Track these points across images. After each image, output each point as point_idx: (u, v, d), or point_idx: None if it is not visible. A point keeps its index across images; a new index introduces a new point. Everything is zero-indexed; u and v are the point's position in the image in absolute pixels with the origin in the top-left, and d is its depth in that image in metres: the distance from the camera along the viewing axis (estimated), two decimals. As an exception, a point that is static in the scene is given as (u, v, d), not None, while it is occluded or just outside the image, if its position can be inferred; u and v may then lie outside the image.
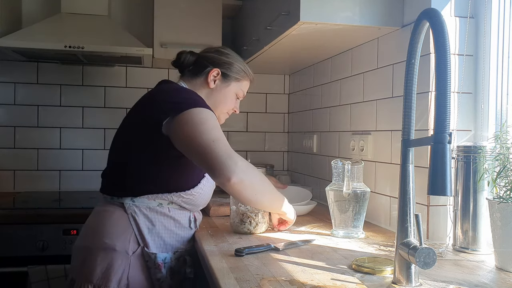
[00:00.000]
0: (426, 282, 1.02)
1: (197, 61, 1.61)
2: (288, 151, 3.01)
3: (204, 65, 1.59)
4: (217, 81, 1.59)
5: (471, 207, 1.29)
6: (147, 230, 1.40)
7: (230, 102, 1.64)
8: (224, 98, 1.61)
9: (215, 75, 1.59)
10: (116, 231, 1.38)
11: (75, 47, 2.28)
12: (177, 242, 1.46)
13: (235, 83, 1.63)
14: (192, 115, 1.35)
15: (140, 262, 1.39)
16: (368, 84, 1.87)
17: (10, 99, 2.68)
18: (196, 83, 1.60)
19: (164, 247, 1.43)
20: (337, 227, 1.53)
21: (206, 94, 1.59)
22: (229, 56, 1.62)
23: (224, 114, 1.66)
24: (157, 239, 1.41)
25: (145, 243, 1.39)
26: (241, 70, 1.63)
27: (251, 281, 1.01)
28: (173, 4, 2.52)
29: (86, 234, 1.45)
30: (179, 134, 1.35)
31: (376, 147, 1.79)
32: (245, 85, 1.68)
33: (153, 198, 1.42)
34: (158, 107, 1.41)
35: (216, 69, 1.58)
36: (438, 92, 0.84)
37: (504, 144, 1.19)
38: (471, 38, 1.47)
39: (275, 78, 2.99)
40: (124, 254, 1.37)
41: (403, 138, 1.01)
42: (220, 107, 1.61)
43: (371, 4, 1.60)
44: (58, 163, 2.72)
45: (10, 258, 2.05)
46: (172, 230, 1.45)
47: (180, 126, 1.35)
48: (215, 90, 1.60)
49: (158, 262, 1.39)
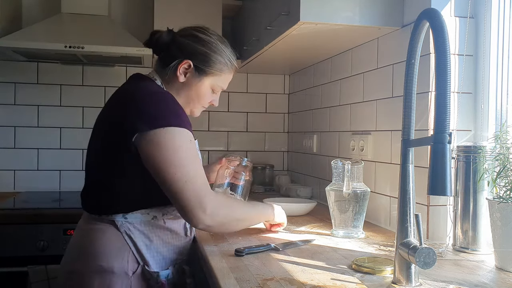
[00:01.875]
0: (426, 282, 1.02)
1: (169, 47, 1.38)
2: (288, 151, 3.01)
3: (174, 54, 1.36)
4: (189, 75, 1.37)
5: (471, 207, 1.29)
6: (145, 247, 1.28)
7: (205, 98, 1.43)
8: (196, 94, 1.41)
9: (186, 68, 1.36)
10: (111, 252, 1.24)
11: (75, 47, 2.28)
12: (175, 254, 1.36)
13: (211, 77, 1.40)
14: (165, 138, 1.20)
15: (142, 283, 1.27)
16: (368, 84, 1.87)
17: (10, 99, 2.68)
18: (166, 74, 1.38)
19: (163, 262, 1.32)
20: (337, 227, 1.53)
21: (177, 88, 1.39)
22: (206, 44, 1.37)
23: (199, 108, 1.47)
24: (156, 255, 1.30)
25: (145, 262, 1.27)
26: (220, 62, 1.39)
27: (251, 281, 1.01)
28: (173, 4, 2.52)
29: (76, 256, 1.29)
30: (147, 157, 1.21)
31: (376, 147, 1.79)
32: (225, 79, 1.45)
33: (147, 212, 1.29)
34: (129, 118, 1.23)
35: (187, 61, 1.35)
36: (438, 92, 0.84)
37: (504, 144, 1.19)
38: (471, 38, 1.47)
39: (275, 78, 2.99)
40: (124, 276, 1.24)
41: (403, 138, 1.01)
42: (193, 102, 1.43)
43: (371, 4, 1.59)
44: (58, 163, 2.72)
45: (10, 258, 2.05)
46: (170, 242, 1.34)
47: (148, 147, 1.20)
48: (186, 85, 1.38)
49: (162, 280, 1.28)
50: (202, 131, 2.88)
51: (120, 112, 1.27)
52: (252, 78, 2.97)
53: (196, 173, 1.22)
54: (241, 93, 2.96)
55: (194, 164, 1.24)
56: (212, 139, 2.91)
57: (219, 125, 2.92)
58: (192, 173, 1.21)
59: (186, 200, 1.20)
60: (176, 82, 1.38)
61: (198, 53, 1.36)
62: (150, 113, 1.22)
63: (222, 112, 2.92)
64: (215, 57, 1.38)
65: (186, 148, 1.23)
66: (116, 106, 1.32)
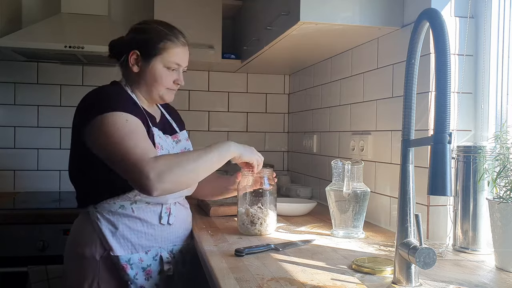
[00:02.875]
0: (426, 282, 1.02)
1: (119, 48, 1.50)
2: (288, 151, 3.01)
3: (123, 51, 1.49)
4: (140, 63, 1.46)
5: (471, 207, 1.29)
6: (110, 234, 1.38)
7: (164, 78, 1.48)
8: (153, 79, 1.46)
9: (135, 58, 1.46)
10: (83, 239, 1.40)
11: (75, 47, 2.28)
12: (148, 241, 1.43)
13: (159, 57, 1.45)
14: (101, 124, 1.30)
15: (109, 266, 1.38)
16: (368, 84, 1.87)
17: (10, 99, 2.68)
18: (126, 72, 1.51)
19: (132, 248, 1.40)
20: (337, 227, 1.53)
21: (136, 80, 1.49)
22: (146, 31, 1.48)
23: (165, 91, 1.50)
24: (123, 241, 1.39)
25: (109, 247, 1.37)
26: (161, 41, 1.45)
27: (251, 281, 1.01)
28: (173, 4, 2.51)
29: (67, 243, 1.48)
30: (92, 146, 1.34)
31: (376, 147, 1.79)
32: (174, 53, 1.47)
33: (113, 201, 1.39)
34: (76, 117, 1.40)
35: (134, 52, 1.45)
36: (438, 92, 0.84)
37: (504, 144, 1.19)
38: (471, 38, 1.47)
39: (275, 78, 2.99)
40: (93, 260, 1.37)
41: (403, 138, 1.01)
42: (154, 87, 1.48)
43: (371, 4, 1.59)
44: (58, 163, 2.71)
45: (10, 258, 2.05)
46: (139, 230, 1.42)
47: (91, 137, 1.33)
48: (141, 73, 1.47)
49: (122, 264, 1.37)
50: (202, 131, 2.88)
51: (75, 115, 1.42)
52: (252, 78, 2.97)
53: (134, 144, 1.27)
54: (241, 93, 2.96)
55: (131, 138, 1.28)
56: (212, 139, 2.90)
57: (219, 125, 2.92)
58: (130, 145, 1.26)
59: (130, 172, 1.26)
60: (134, 74, 1.48)
61: (140, 41, 1.46)
62: (87, 107, 1.36)
63: (222, 112, 2.92)
64: (156, 39, 1.46)
65: (121, 126, 1.29)
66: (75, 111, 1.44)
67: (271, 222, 1.53)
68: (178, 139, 1.58)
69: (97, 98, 1.38)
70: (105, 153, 1.31)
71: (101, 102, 1.34)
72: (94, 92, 1.42)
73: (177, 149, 1.54)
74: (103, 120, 1.30)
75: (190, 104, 2.85)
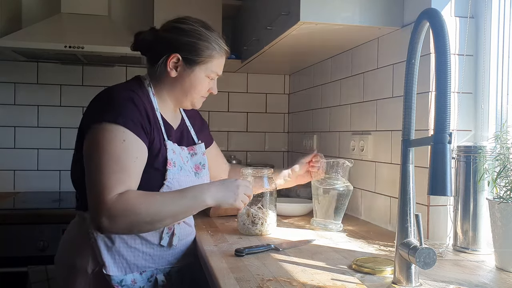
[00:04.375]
0: (426, 282, 1.02)
1: (153, 45, 1.37)
2: (288, 151, 3.01)
3: (161, 51, 1.36)
4: (180, 68, 1.36)
5: (471, 207, 1.29)
6: (105, 248, 1.27)
7: (202, 86, 1.40)
8: (191, 86, 1.38)
9: (176, 62, 1.35)
10: (76, 249, 1.30)
11: (75, 47, 2.28)
12: (145, 261, 1.32)
13: (203, 65, 1.37)
14: (92, 135, 1.22)
15: (101, 282, 1.28)
16: (368, 84, 1.87)
17: (10, 99, 2.68)
18: (157, 73, 1.38)
19: (127, 266, 1.30)
20: (318, 217, 1.65)
21: (170, 83, 1.38)
22: (189, 34, 1.35)
23: (199, 98, 1.43)
24: (118, 258, 1.29)
25: (102, 262, 1.27)
26: (208, 48, 1.36)
27: (251, 281, 1.01)
28: (173, 4, 2.51)
29: (59, 249, 1.39)
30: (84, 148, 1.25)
31: (376, 147, 1.79)
32: (218, 64, 1.40)
33: None
34: (84, 114, 1.32)
35: (175, 55, 1.34)
36: (438, 92, 0.84)
37: (504, 144, 1.19)
38: (471, 38, 1.47)
39: (275, 78, 2.99)
40: (84, 273, 1.28)
41: (403, 138, 1.01)
42: (190, 94, 1.40)
43: (371, 4, 1.59)
44: (58, 163, 2.71)
45: (10, 258, 2.05)
46: (137, 248, 1.31)
47: (85, 140, 1.25)
48: (179, 79, 1.37)
49: (113, 284, 1.27)
50: (202, 131, 2.88)
51: (84, 113, 1.34)
52: (252, 78, 2.97)
53: (109, 172, 1.17)
54: (241, 93, 2.96)
55: (112, 164, 1.18)
56: (212, 139, 2.90)
57: (219, 125, 2.91)
58: (106, 171, 1.17)
59: (90, 199, 1.19)
60: (169, 78, 1.37)
61: (184, 45, 1.34)
62: (95, 110, 1.27)
63: (222, 112, 2.92)
64: (202, 44, 1.35)
65: (113, 145, 1.20)
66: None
67: (271, 222, 1.53)
68: (195, 151, 1.46)
69: (108, 102, 1.27)
70: (85, 160, 1.23)
71: (110, 109, 1.24)
72: (108, 93, 1.31)
73: (191, 163, 1.43)
74: (102, 129, 1.21)
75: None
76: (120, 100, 1.26)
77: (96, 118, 1.23)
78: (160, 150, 1.31)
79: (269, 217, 1.52)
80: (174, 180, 1.33)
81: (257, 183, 1.53)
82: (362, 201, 1.88)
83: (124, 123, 1.22)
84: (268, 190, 1.54)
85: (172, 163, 1.33)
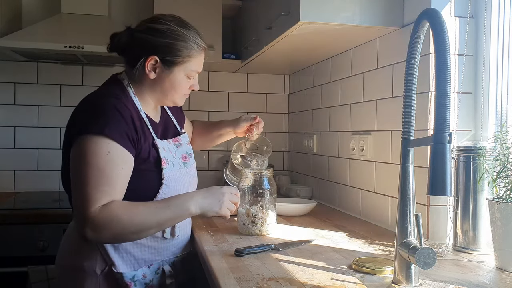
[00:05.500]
0: (426, 282, 1.02)
1: (129, 47, 1.35)
2: (288, 151, 3.01)
3: (137, 53, 1.33)
4: (158, 70, 1.33)
5: (471, 207, 1.29)
6: (112, 248, 1.29)
7: (182, 86, 1.38)
8: (171, 86, 1.36)
9: (154, 64, 1.32)
10: (83, 251, 1.30)
11: (75, 47, 2.28)
12: (151, 254, 1.35)
13: (181, 66, 1.35)
14: (79, 146, 1.22)
15: (110, 282, 1.29)
16: (368, 84, 1.87)
17: (10, 99, 2.68)
18: (136, 75, 1.35)
19: (135, 262, 1.32)
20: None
21: (150, 85, 1.36)
22: (166, 34, 1.32)
23: (181, 96, 1.42)
24: (125, 255, 1.31)
25: (111, 262, 1.29)
26: (185, 47, 1.33)
27: (251, 281, 1.01)
28: (173, 4, 2.52)
29: (61, 251, 1.38)
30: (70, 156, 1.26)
31: (376, 147, 1.79)
32: (197, 62, 1.39)
33: None
34: (69, 124, 1.30)
35: (152, 57, 1.31)
36: (438, 92, 0.84)
37: (504, 144, 1.19)
38: (471, 38, 1.47)
39: (275, 78, 2.99)
40: (93, 274, 1.28)
41: (403, 138, 1.01)
42: (171, 94, 1.39)
43: (371, 4, 1.59)
44: (58, 163, 2.68)
45: (10, 258, 2.05)
46: (143, 243, 1.33)
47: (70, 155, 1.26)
48: (158, 80, 1.35)
49: (126, 281, 1.29)
50: (202, 131, 2.88)
51: (70, 118, 1.32)
52: (252, 78, 2.97)
53: (94, 185, 1.18)
54: (241, 93, 2.96)
55: (96, 176, 1.18)
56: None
57: (219, 125, 2.91)
58: (90, 183, 1.18)
59: (75, 207, 1.21)
60: (148, 79, 1.35)
61: (161, 46, 1.31)
62: (81, 120, 1.25)
63: (222, 112, 2.92)
64: (179, 45, 1.33)
65: (97, 158, 1.19)
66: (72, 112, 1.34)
67: (271, 222, 1.53)
68: (180, 142, 1.47)
69: (93, 112, 1.25)
70: (71, 171, 1.24)
71: (95, 120, 1.22)
72: (92, 103, 1.29)
73: (178, 154, 1.43)
74: (87, 141, 1.20)
75: (190, 104, 2.85)
76: (105, 110, 1.24)
77: (82, 129, 1.22)
78: (150, 152, 1.32)
79: (269, 217, 1.52)
80: (170, 177, 1.34)
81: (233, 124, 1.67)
82: (362, 201, 1.88)
83: (109, 134, 1.21)
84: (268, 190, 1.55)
85: (165, 161, 1.34)
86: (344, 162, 2.06)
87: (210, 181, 2.77)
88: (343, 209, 2.05)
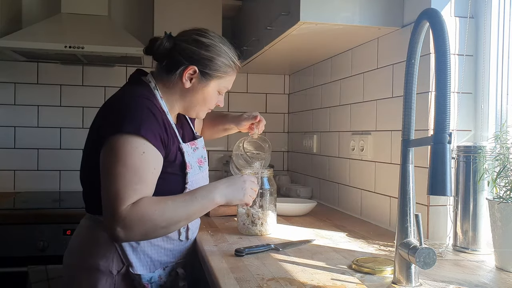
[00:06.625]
0: (426, 282, 1.02)
1: (172, 53, 1.36)
2: (288, 151, 3.01)
3: (178, 61, 1.35)
4: (194, 80, 1.36)
5: (471, 207, 1.29)
6: (131, 249, 1.29)
7: (212, 100, 1.42)
8: (203, 99, 1.40)
9: (192, 73, 1.35)
10: (99, 250, 1.29)
11: (75, 47, 2.28)
12: (167, 256, 1.37)
13: (217, 80, 1.39)
14: (112, 142, 1.20)
15: (126, 282, 1.30)
16: (368, 84, 1.87)
17: (10, 99, 2.68)
18: (169, 81, 1.37)
19: (151, 264, 1.34)
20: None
21: (181, 93, 1.38)
22: (210, 48, 1.36)
23: (206, 110, 1.46)
24: (143, 257, 1.32)
25: (129, 263, 1.29)
26: (225, 65, 1.38)
27: (251, 281, 1.01)
28: (173, 4, 2.52)
29: (72, 251, 1.37)
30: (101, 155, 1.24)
31: (376, 147, 1.79)
32: (230, 80, 1.44)
33: None
34: (101, 124, 1.29)
35: (192, 67, 1.34)
36: (438, 92, 0.84)
37: (504, 144, 1.19)
38: (471, 38, 1.47)
39: (275, 78, 2.99)
40: (108, 274, 1.28)
41: (403, 138, 1.01)
42: (198, 106, 1.42)
43: (371, 4, 1.60)
44: (58, 163, 2.72)
45: (10, 258, 2.05)
46: (160, 245, 1.34)
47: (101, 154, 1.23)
48: (192, 90, 1.38)
49: (144, 283, 1.30)
50: (202, 131, 2.88)
51: (98, 118, 1.33)
52: (252, 78, 2.97)
53: (125, 184, 1.17)
54: (241, 93, 2.96)
55: (128, 176, 1.18)
56: (211, 139, 2.90)
57: (219, 125, 2.91)
58: (121, 183, 1.17)
59: (105, 207, 1.20)
60: (181, 87, 1.37)
61: (202, 58, 1.35)
62: (115, 118, 1.24)
63: (222, 112, 2.92)
64: (219, 60, 1.37)
65: (131, 158, 1.20)
66: (100, 111, 1.35)
67: (271, 222, 1.53)
68: (196, 146, 1.47)
69: (127, 112, 1.24)
70: (102, 170, 1.22)
71: (130, 119, 1.22)
72: (125, 102, 1.28)
73: (195, 157, 1.43)
74: (122, 140, 1.20)
75: (190, 104, 2.84)
76: (139, 110, 1.25)
77: (116, 129, 1.21)
78: (176, 156, 1.33)
79: (269, 217, 1.52)
80: (193, 181, 1.37)
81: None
82: (362, 201, 1.88)
83: (145, 135, 1.21)
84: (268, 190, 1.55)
85: (190, 166, 1.36)
86: (344, 162, 2.06)
87: (210, 181, 2.76)
88: (343, 209, 2.05)
